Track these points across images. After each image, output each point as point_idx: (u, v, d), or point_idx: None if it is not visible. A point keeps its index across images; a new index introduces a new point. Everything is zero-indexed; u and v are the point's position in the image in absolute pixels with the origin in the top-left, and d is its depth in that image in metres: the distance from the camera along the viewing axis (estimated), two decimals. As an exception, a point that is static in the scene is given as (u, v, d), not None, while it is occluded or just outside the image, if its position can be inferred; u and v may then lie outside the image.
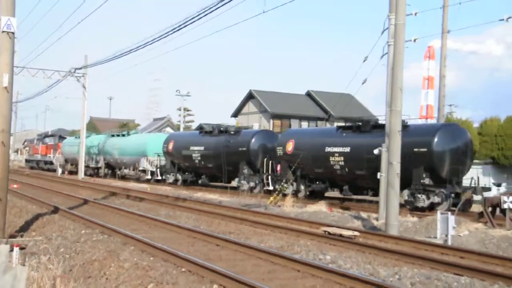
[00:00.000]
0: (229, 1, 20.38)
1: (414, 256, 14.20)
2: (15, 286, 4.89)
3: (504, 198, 20.40)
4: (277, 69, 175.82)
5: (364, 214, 23.65)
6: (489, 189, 25.74)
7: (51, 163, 69.70)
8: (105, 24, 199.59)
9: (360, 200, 30.43)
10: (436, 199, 23.52)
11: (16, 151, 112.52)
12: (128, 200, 30.43)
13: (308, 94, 79.56)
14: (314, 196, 30.33)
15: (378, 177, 22.05)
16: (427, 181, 24.21)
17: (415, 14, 30.81)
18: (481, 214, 21.83)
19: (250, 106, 77.61)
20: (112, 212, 23.57)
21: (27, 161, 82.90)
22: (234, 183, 38.60)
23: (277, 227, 19.40)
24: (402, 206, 25.09)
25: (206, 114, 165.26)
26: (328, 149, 27.78)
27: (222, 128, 38.39)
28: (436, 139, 24.16)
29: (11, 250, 11.10)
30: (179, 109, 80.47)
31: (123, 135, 54.61)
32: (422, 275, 11.76)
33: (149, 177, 45.64)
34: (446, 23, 34.57)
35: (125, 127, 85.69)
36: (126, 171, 51.81)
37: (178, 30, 25.15)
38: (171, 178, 41.12)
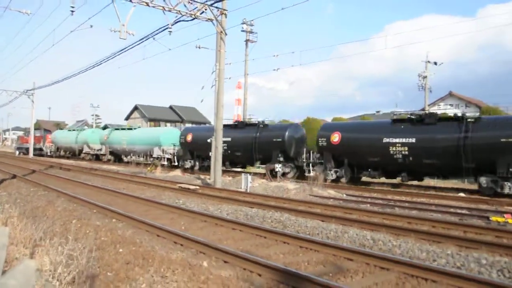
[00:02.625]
0: (118, 55, 20.10)
1: (229, 198, 14.54)
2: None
3: (276, 165, 21.56)
4: (152, 89, 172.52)
5: (202, 176, 23.63)
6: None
7: (41, 149, 54.83)
8: (49, 55, 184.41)
9: (418, 186, 20.93)
10: None
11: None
12: (61, 170, 28.40)
13: (170, 107, 78.89)
14: (354, 182, 21.49)
15: (212, 153, 22.05)
16: None
17: (230, 64, 32.17)
18: (264, 174, 22.99)
19: (136, 114, 75.88)
20: (51, 177, 22.03)
21: (18, 148, 65.07)
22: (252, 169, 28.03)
23: (151, 185, 19.17)
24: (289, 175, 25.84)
25: (109, 118, 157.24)
26: (386, 140, 19.71)
27: (248, 122, 28.29)
28: None
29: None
30: (92, 115, 78.13)
31: (130, 129, 40.49)
32: (233, 209, 12.15)
33: (165, 163, 33.07)
34: (247, 69, 35.50)
35: (59, 126, 79.61)
36: (134, 158, 37.46)
37: (89, 70, 24.32)
38: (188, 164, 30.48)
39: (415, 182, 20.91)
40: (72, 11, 16.70)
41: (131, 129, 40.71)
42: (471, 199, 15.59)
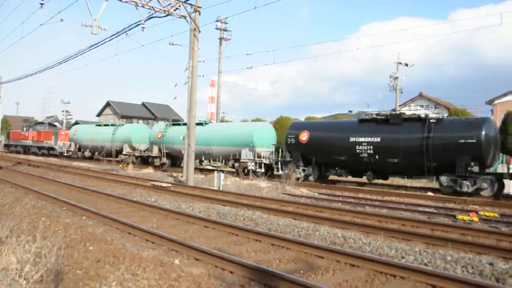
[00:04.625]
0: (89, 50, 19.75)
1: (201, 196, 14.50)
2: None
3: (249, 163, 21.57)
4: (125, 86, 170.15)
5: (175, 174, 23.47)
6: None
7: (51, 148, 43.84)
8: (17, 49, 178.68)
9: None
10: None
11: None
12: (29, 167, 27.77)
13: (143, 104, 77.96)
14: None
15: (183, 152, 21.94)
16: None
17: (203, 61, 32.07)
18: (237, 172, 22.96)
19: (108, 110, 74.64)
20: (19, 174, 21.53)
21: (6, 145, 54.81)
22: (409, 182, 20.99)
23: (123, 182, 18.95)
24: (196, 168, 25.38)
25: (80, 115, 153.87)
26: None
27: (407, 116, 19.72)
28: None
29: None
30: (63, 111, 77.06)
31: (200, 124, 27.39)
32: (205, 206, 12.13)
33: (261, 169, 23.83)
34: (220, 67, 35.63)
35: (28, 121, 77.37)
36: (205, 162, 29.22)
37: (59, 65, 23.87)
38: (299, 173, 21.60)
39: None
40: (42, 4, 16.32)
41: (201, 124, 28.57)
42: (439, 198, 16.03)
